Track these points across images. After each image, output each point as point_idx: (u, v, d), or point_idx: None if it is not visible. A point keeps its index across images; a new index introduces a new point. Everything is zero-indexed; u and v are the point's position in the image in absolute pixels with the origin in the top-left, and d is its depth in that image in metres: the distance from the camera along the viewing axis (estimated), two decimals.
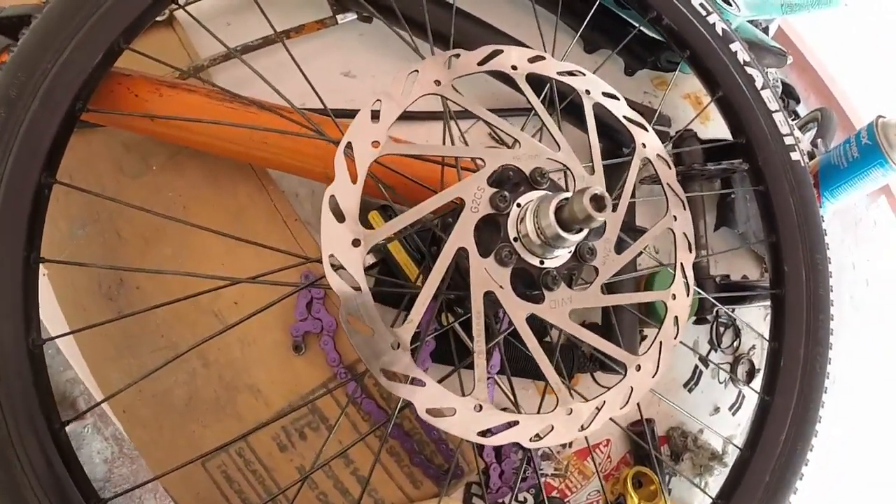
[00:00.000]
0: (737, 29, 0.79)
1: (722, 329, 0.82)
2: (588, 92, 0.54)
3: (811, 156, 0.93)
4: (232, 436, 0.63)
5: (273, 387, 0.65)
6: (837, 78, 1.12)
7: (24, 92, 0.47)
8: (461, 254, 0.45)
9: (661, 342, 0.52)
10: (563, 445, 0.74)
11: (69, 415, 0.49)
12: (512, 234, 0.46)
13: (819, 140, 0.96)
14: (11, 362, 0.44)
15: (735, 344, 0.83)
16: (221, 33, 0.71)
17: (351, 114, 0.46)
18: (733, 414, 0.82)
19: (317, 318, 0.64)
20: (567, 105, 0.60)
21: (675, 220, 0.56)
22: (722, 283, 0.79)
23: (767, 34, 0.94)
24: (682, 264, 0.55)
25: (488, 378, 0.66)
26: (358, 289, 0.43)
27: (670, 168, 0.57)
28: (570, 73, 0.53)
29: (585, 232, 0.44)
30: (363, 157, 0.45)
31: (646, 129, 0.56)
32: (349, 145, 0.45)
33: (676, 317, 0.53)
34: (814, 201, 0.74)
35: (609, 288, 0.74)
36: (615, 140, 0.75)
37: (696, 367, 0.82)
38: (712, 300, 0.70)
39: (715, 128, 0.86)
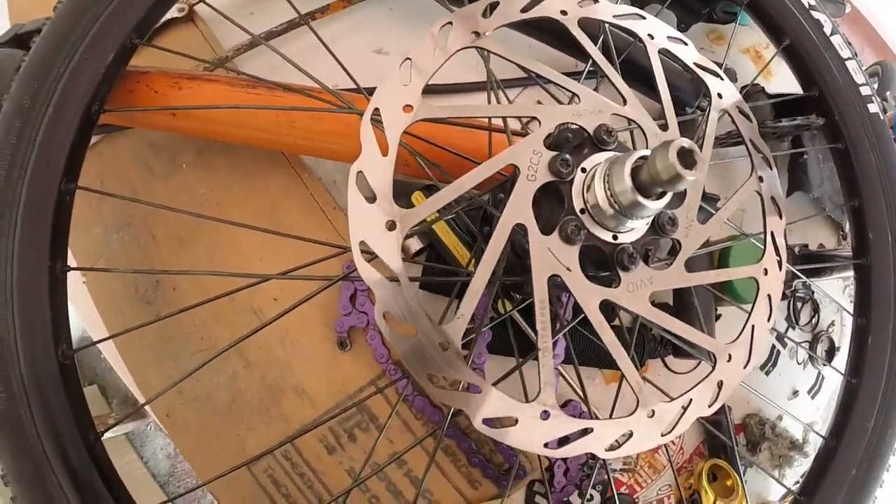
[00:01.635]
0: None
1: (799, 304, 0.70)
2: (652, 37, 0.43)
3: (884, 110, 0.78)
4: (278, 438, 0.56)
5: (319, 386, 0.57)
6: (891, 29, 0.96)
7: (37, 100, 0.41)
8: (518, 232, 0.35)
9: (753, 326, 0.41)
10: None
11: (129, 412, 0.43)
12: (578, 204, 0.36)
13: (888, 94, 0.82)
14: (42, 377, 0.38)
15: (814, 321, 0.70)
16: (246, 24, 0.64)
17: None
18: (812, 397, 0.70)
19: (362, 312, 0.56)
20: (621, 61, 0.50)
21: (762, 181, 0.45)
22: (801, 254, 0.67)
23: None
24: (772, 233, 0.44)
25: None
26: (396, 280, 0.34)
27: (751, 121, 0.46)
28: (629, 16, 0.42)
29: (669, 196, 0.34)
30: (394, 124, 0.35)
31: (720, 78, 0.45)
32: (377, 112, 0.35)
33: (769, 295, 0.42)
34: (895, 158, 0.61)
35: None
36: (676, 100, 0.63)
37: (773, 346, 0.69)
38: (795, 272, 0.58)
39: (779, 84, 0.73)
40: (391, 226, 0.34)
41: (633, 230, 0.37)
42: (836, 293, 0.73)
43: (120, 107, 0.51)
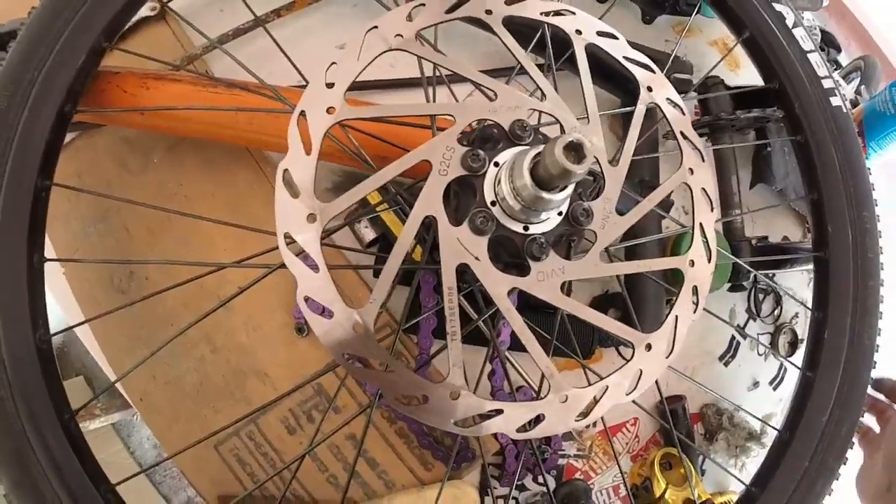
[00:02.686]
0: None
1: (761, 296, 0.70)
2: (580, 32, 0.44)
3: (854, 104, 0.77)
4: (241, 421, 0.59)
5: (279, 370, 0.60)
6: (879, 23, 0.95)
7: (14, 102, 0.44)
8: (433, 225, 0.37)
9: (676, 316, 0.42)
10: (589, 425, 0.65)
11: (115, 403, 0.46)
12: (489, 197, 0.37)
13: (863, 88, 0.81)
14: (21, 359, 0.41)
15: (776, 312, 0.71)
16: (214, 21, 0.67)
17: None
18: (774, 388, 0.70)
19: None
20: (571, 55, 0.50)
21: (692, 173, 0.46)
22: (759, 246, 0.67)
23: None
24: (700, 225, 0.45)
25: (495, 358, 0.59)
26: (316, 269, 0.36)
27: (683, 114, 0.47)
28: (557, 13, 0.43)
29: (569, 190, 0.35)
30: (317, 125, 0.38)
31: (652, 71, 0.46)
32: (303, 114, 0.38)
33: (696, 286, 0.43)
34: (859, 152, 0.61)
35: (630, 254, 0.65)
36: (631, 91, 0.64)
37: (733, 337, 0.70)
38: (746, 266, 0.59)
39: (748, 77, 0.73)
40: (311, 218, 0.36)
41: (545, 221, 0.38)
42: (801, 285, 0.73)
43: (91, 107, 0.54)
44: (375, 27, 0.39)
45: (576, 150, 0.31)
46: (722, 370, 0.69)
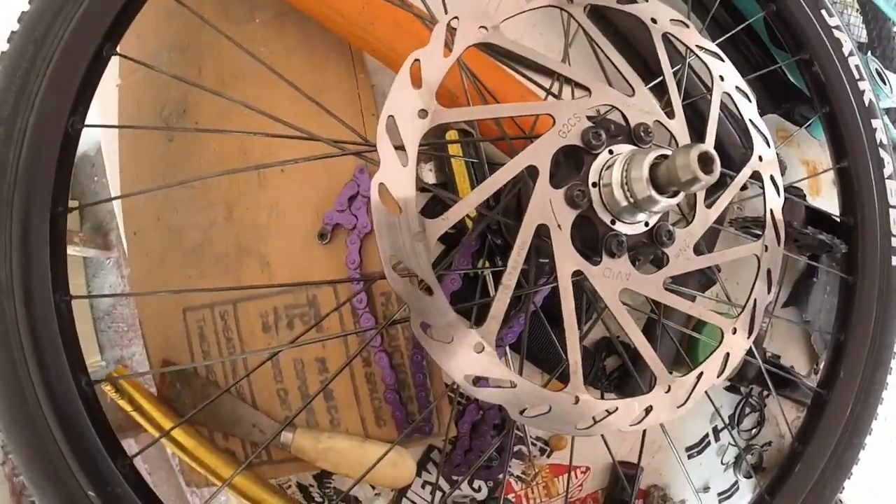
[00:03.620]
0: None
1: (748, 410, 0.70)
2: (655, 21, 0.43)
3: None
4: (225, 294, 0.57)
5: (283, 264, 0.58)
6: None
7: None
8: (528, 177, 0.36)
9: (700, 373, 0.41)
10: (542, 452, 0.64)
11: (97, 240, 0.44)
12: (593, 177, 0.37)
13: None
14: (40, 318, 0.37)
15: (754, 431, 0.71)
16: None
17: None
18: (720, 501, 0.70)
19: (353, 215, 0.57)
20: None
21: (766, 250, 0.46)
22: (770, 361, 0.67)
23: None
24: (755, 301, 0.45)
25: (499, 347, 0.57)
26: (405, 162, 0.35)
27: (779, 196, 0.47)
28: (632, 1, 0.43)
29: (675, 200, 0.35)
30: (466, 33, 0.37)
31: (721, 60, 0.46)
32: (453, 23, 0.37)
33: (728, 354, 0.43)
34: None
35: (648, 322, 0.64)
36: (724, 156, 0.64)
37: (706, 436, 0.70)
38: (763, 368, 0.58)
39: (822, 205, 0.74)
40: (423, 114, 0.35)
41: (632, 225, 0.37)
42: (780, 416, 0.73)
43: None
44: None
45: (706, 161, 0.31)
46: (683, 460, 0.68)
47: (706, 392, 0.42)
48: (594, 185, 0.37)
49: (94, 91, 0.43)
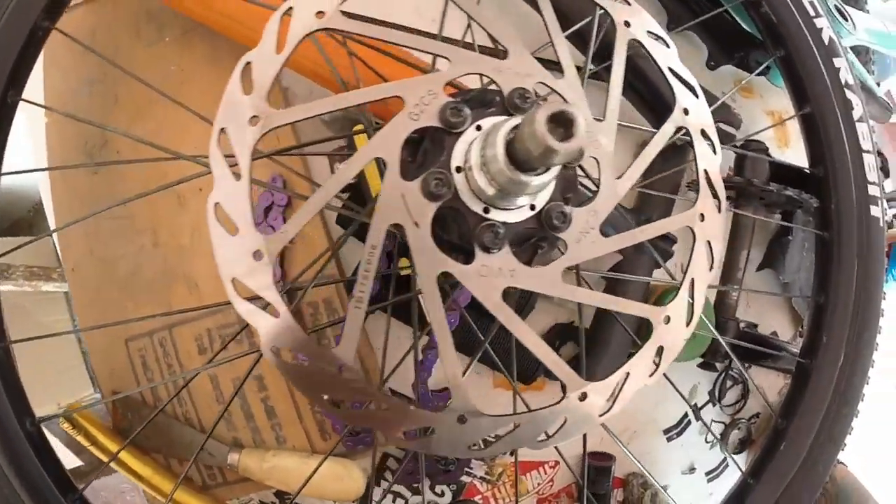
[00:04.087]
0: (847, 51, 0.55)
1: (729, 383, 0.60)
2: (628, 24, 0.35)
3: (889, 226, 0.66)
4: (159, 320, 0.52)
5: (211, 285, 0.52)
6: None
7: None
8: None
9: (626, 374, 0.33)
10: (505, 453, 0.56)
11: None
12: (456, 161, 0.29)
13: None
14: None
15: (738, 405, 0.61)
16: None
17: None
18: (708, 481, 0.60)
19: (270, 226, 0.50)
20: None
21: (702, 219, 0.36)
22: (745, 331, 0.57)
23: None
24: (692, 281, 0.36)
25: (431, 349, 0.50)
26: (238, 177, 0.28)
27: (715, 153, 0.37)
28: None
29: (545, 178, 0.26)
30: (298, 25, 0.30)
31: (695, 95, 0.37)
32: (289, 12, 0.30)
33: (662, 347, 0.34)
34: (881, 272, 0.50)
35: (609, 291, 0.55)
36: (658, 111, 0.54)
37: (686, 415, 0.60)
38: (726, 347, 0.49)
39: (792, 160, 0.63)
40: (254, 120, 0.29)
41: (512, 211, 0.29)
42: (773, 387, 0.63)
43: None
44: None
45: (564, 125, 0.22)
46: (662, 444, 0.59)
47: (665, 375, 0.34)
48: (458, 169, 0.28)
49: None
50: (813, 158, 0.53)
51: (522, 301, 0.51)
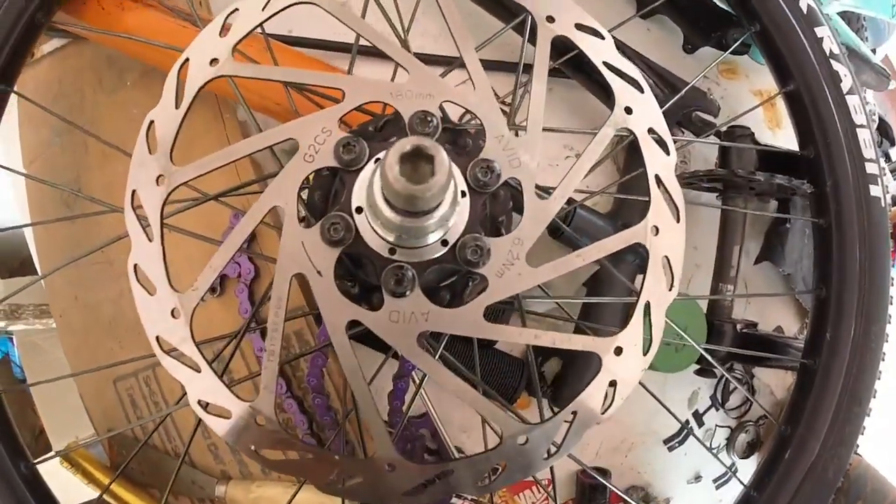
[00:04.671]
0: (830, 18, 0.49)
1: (732, 386, 0.56)
2: (551, 19, 0.32)
3: (895, 203, 0.60)
4: (144, 361, 0.53)
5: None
6: None
7: None
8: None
9: (574, 413, 0.30)
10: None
11: None
12: (357, 201, 0.27)
13: None
14: None
15: (743, 408, 0.57)
16: None
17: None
18: (717, 488, 0.57)
19: (236, 263, 0.50)
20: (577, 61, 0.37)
21: (656, 233, 0.34)
22: (744, 333, 0.53)
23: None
24: (647, 303, 0.32)
25: (401, 378, 0.49)
26: (151, 238, 0.28)
27: (668, 154, 0.34)
28: None
29: (437, 213, 0.24)
30: (194, 77, 0.29)
31: (640, 90, 0.33)
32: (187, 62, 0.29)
33: (615, 381, 0.31)
34: (887, 256, 0.46)
35: (584, 316, 0.51)
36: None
37: (687, 422, 0.57)
38: (712, 362, 0.45)
39: (787, 141, 0.58)
40: (160, 180, 0.30)
41: (420, 249, 0.27)
42: (783, 384, 0.58)
43: (71, 16, 0.50)
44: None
45: (414, 163, 0.20)
46: (663, 454, 0.56)
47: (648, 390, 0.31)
48: (359, 210, 0.27)
49: None
50: (802, 139, 0.49)
51: (492, 318, 0.49)
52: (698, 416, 0.57)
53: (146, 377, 0.54)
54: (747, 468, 0.57)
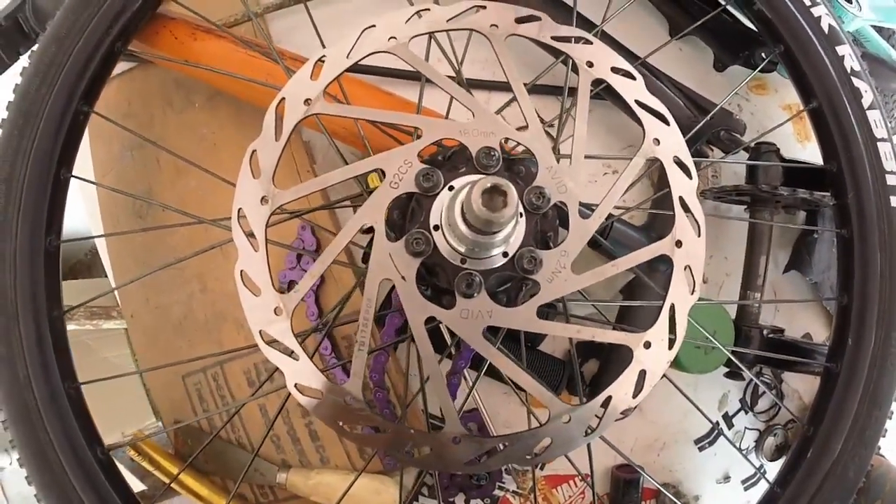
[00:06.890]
0: (856, 33, 0.56)
1: (760, 390, 0.63)
2: (591, 65, 0.40)
3: None
4: (213, 359, 0.62)
5: None
6: None
7: (72, 31, 0.49)
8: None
9: (608, 397, 0.38)
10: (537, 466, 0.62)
11: None
12: (434, 220, 0.36)
13: None
14: (26, 258, 0.45)
15: (772, 411, 0.63)
16: None
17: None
18: (745, 489, 0.63)
19: (303, 270, 0.59)
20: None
21: (679, 246, 0.41)
22: (770, 338, 0.59)
23: None
24: (672, 306, 0.40)
25: (454, 374, 0.57)
26: (256, 248, 0.37)
27: (690, 178, 0.42)
28: (566, 39, 0.40)
29: (503, 232, 0.33)
30: (291, 115, 0.38)
31: (666, 123, 0.41)
32: (283, 101, 0.38)
33: (644, 371, 0.38)
34: None
35: (621, 318, 0.59)
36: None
37: (717, 423, 0.64)
38: (738, 364, 0.52)
39: (816, 154, 0.64)
40: (264, 201, 0.38)
41: (486, 259, 0.36)
42: (811, 390, 0.64)
43: (144, 44, 0.58)
44: (373, 26, 0.38)
45: (493, 198, 0.29)
46: (694, 454, 0.63)
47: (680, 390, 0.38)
48: (436, 227, 0.35)
49: (63, 211, 0.49)
50: (826, 153, 0.55)
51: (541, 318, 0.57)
52: (728, 419, 0.64)
53: (214, 373, 0.63)
54: (775, 471, 0.63)
